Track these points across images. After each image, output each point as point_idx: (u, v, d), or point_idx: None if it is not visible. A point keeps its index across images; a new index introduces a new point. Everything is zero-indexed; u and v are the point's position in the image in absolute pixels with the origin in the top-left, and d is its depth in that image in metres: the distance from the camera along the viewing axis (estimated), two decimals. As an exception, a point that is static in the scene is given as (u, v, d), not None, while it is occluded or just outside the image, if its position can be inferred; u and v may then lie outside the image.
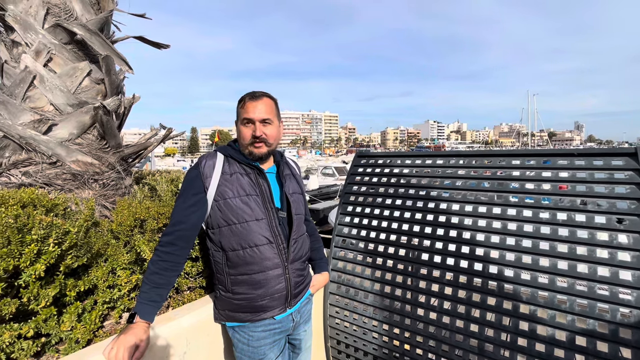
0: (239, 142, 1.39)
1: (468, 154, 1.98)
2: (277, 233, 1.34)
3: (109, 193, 2.02)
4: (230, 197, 1.30)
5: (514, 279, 1.55)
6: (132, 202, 1.79)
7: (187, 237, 1.29)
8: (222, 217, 1.31)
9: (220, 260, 1.35)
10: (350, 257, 2.12)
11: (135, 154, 2.30)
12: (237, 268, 1.32)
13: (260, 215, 1.32)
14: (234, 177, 1.33)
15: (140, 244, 1.37)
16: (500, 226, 1.67)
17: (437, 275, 1.76)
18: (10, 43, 1.83)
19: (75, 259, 1.21)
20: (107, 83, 2.01)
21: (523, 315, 1.49)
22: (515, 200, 1.68)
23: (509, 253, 1.60)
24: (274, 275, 1.33)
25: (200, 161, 1.34)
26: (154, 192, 2.46)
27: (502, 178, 1.77)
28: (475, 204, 1.78)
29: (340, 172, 20.17)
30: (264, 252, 1.31)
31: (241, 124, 1.34)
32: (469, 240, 1.72)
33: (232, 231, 1.30)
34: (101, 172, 1.98)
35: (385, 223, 2.04)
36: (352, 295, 2.04)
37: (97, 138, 2.00)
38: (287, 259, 1.36)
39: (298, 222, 1.45)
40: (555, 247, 1.51)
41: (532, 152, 1.78)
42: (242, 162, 1.36)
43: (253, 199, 1.32)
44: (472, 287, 1.65)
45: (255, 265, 1.31)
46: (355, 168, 2.39)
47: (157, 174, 2.65)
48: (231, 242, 1.31)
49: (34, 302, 1.11)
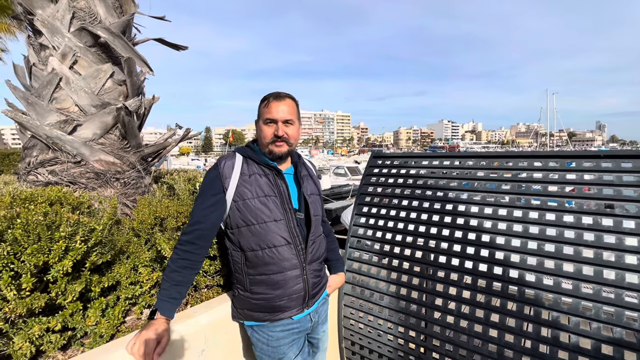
0: (259, 141, 1.40)
1: (487, 155, 1.94)
2: (296, 234, 1.35)
3: (130, 191, 2.07)
4: (249, 198, 1.31)
5: (536, 283, 1.51)
6: (152, 201, 1.83)
7: (206, 236, 1.31)
8: (240, 217, 1.32)
9: (239, 260, 1.37)
10: (366, 258, 2.11)
11: (155, 153, 2.35)
12: (255, 268, 1.33)
13: (279, 216, 1.32)
14: (253, 178, 1.34)
15: (161, 242, 1.40)
16: (521, 229, 1.62)
17: (455, 278, 1.73)
18: (38, 46, 1.90)
19: (100, 255, 1.25)
20: (129, 84, 2.06)
21: (545, 322, 1.45)
22: (537, 202, 1.63)
23: (531, 257, 1.56)
24: (292, 275, 1.34)
25: (219, 162, 1.36)
26: (172, 190, 2.51)
27: (523, 180, 1.73)
28: (495, 207, 1.74)
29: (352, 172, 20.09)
30: (282, 253, 1.32)
31: (263, 123, 1.35)
32: (488, 243, 1.69)
33: (250, 231, 1.31)
34: (122, 171, 2.03)
35: (402, 224, 2.02)
36: (367, 297, 2.03)
37: (118, 138, 2.06)
38: (305, 260, 1.37)
39: (316, 223, 1.46)
40: (580, 252, 1.46)
41: (554, 154, 1.73)
42: (260, 163, 1.38)
43: (271, 199, 1.33)
44: (491, 291, 1.61)
45: (273, 266, 1.32)
46: (371, 169, 2.38)
47: (175, 173, 2.71)
48: (250, 243, 1.32)
49: (61, 297, 1.15)
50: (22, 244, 1.06)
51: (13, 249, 1.04)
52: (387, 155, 2.40)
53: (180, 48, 2.56)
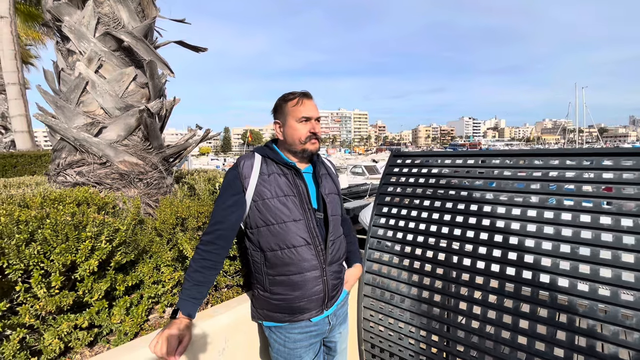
0: (290, 140, 1.39)
1: (513, 153, 1.85)
2: (315, 234, 1.33)
3: (152, 192, 2.12)
4: (268, 198, 1.30)
5: (570, 289, 1.42)
6: (174, 201, 1.86)
7: (227, 236, 1.31)
8: (260, 217, 1.32)
9: (258, 260, 1.36)
10: (386, 259, 2.06)
11: (176, 154, 2.39)
12: (275, 268, 1.33)
13: (298, 216, 1.31)
14: (272, 178, 1.34)
15: (183, 242, 1.41)
16: (552, 232, 1.54)
17: (481, 282, 1.66)
18: (66, 52, 1.98)
19: (124, 255, 1.27)
20: (151, 87, 2.10)
21: (580, 330, 1.36)
22: (570, 203, 1.54)
23: (564, 261, 1.47)
24: (311, 277, 1.33)
25: (239, 162, 1.36)
26: (192, 190, 2.55)
27: (553, 179, 1.63)
28: (524, 207, 1.65)
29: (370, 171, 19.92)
30: (302, 254, 1.31)
31: (297, 122, 1.36)
32: (516, 246, 1.61)
33: (270, 231, 1.31)
34: (145, 171, 2.08)
35: (423, 225, 1.96)
36: (388, 299, 1.99)
37: (141, 139, 2.11)
38: (325, 261, 1.35)
39: (335, 223, 1.43)
40: (619, 257, 1.36)
41: (586, 151, 1.62)
42: (279, 162, 1.37)
43: (291, 199, 1.32)
44: (520, 297, 1.53)
45: (293, 267, 1.31)
46: (391, 168, 2.33)
47: (195, 174, 2.75)
48: (269, 243, 1.32)
49: (88, 295, 1.18)
50: (51, 244, 1.09)
51: (43, 249, 1.08)
52: (407, 154, 2.34)
53: (200, 50, 2.60)
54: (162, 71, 2.14)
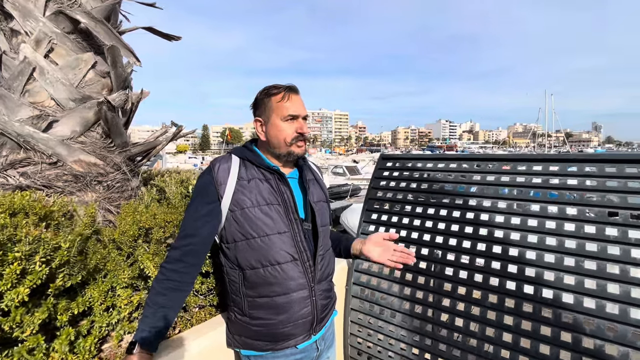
0: (274, 141, 1.21)
1: (512, 158, 1.74)
2: (303, 248, 1.16)
3: (114, 196, 1.86)
4: (248, 207, 1.12)
5: (575, 306, 1.32)
6: (138, 207, 1.63)
7: (198, 252, 1.12)
8: (238, 229, 1.13)
9: (236, 280, 1.17)
10: (375, 270, 1.91)
11: (143, 153, 2.14)
12: (256, 289, 1.14)
13: (283, 228, 1.13)
14: (252, 184, 1.15)
15: (144, 259, 1.19)
16: (555, 243, 1.44)
17: (479, 296, 1.55)
18: (9, 32, 1.69)
19: (67, 277, 1.04)
20: (113, 76, 1.85)
21: (587, 351, 1.26)
22: (574, 213, 1.45)
23: (568, 275, 1.37)
24: (298, 298, 1.15)
25: (213, 165, 1.16)
26: (162, 194, 2.30)
27: (558, 187, 1.54)
28: (524, 216, 1.55)
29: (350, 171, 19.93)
30: (287, 271, 1.13)
31: (282, 120, 1.18)
32: (516, 258, 1.50)
33: (250, 246, 1.12)
34: (105, 173, 1.83)
35: (416, 234, 1.83)
36: (377, 314, 1.84)
37: (101, 136, 1.85)
38: (314, 279, 1.18)
39: (324, 235, 1.26)
40: (627, 272, 1.27)
41: (591, 158, 1.54)
42: (260, 166, 1.18)
43: (274, 208, 1.14)
44: (521, 314, 1.42)
45: (277, 287, 1.13)
46: (380, 171, 2.18)
47: (167, 175, 2.50)
48: (249, 259, 1.13)
49: (18, 330, 0.94)
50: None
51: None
52: (397, 156, 2.20)
53: (172, 38, 2.35)
54: (128, 59, 1.88)
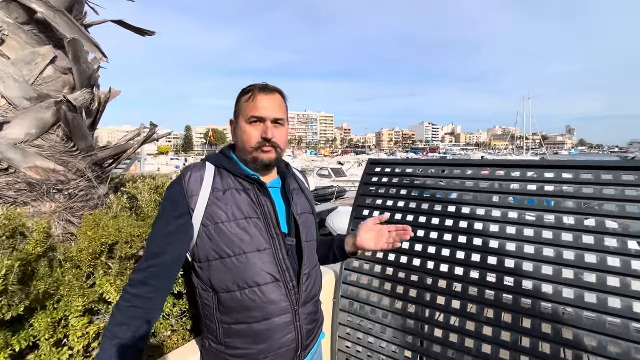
0: (240, 145, 1.08)
1: (501, 164, 1.68)
2: (285, 267, 1.03)
3: (78, 206, 1.68)
4: (223, 221, 0.98)
5: (576, 321, 1.26)
6: (102, 219, 1.46)
7: (166, 274, 0.98)
8: (212, 247, 0.99)
9: (210, 304, 1.03)
10: (365, 282, 1.81)
11: (113, 157, 1.96)
12: (232, 315, 1.01)
13: (263, 245, 1.00)
14: (229, 195, 1.01)
15: (104, 284, 1.03)
16: (553, 254, 1.37)
17: (474, 311, 1.46)
18: (-48, 21, 1.49)
19: (7, 309, 0.88)
20: (76, 73, 1.66)
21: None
22: (572, 222, 1.39)
23: (567, 289, 1.31)
24: (280, 324, 1.02)
25: (184, 174, 1.02)
26: (134, 201, 2.12)
27: (551, 195, 1.47)
28: (520, 226, 1.48)
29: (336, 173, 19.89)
30: (268, 294, 1.00)
31: (247, 122, 1.04)
32: (513, 269, 1.43)
33: (225, 266, 0.99)
34: (67, 180, 1.64)
35: (407, 244, 1.74)
36: (367, 330, 1.73)
37: (62, 139, 1.66)
38: (298, 301, 1.05)
39: (310, 251, 1.14)
40: (628, 285, 1.22)
41: (569, 164, 1.49)
42: (238, 175, 1.05)
43: (253, 222, 1.01)
44: (518, 329, 1.35)
45: (256, 312, 1.00)
46: (369, 177, 2.08)
47: (140, 180, 2.31)
48: (225, 281, 0.99)
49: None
50: None
51: None
52: (386, 162, 2.11)
53: (145, 33, 2.17)
54: (95, 55, 1.71)
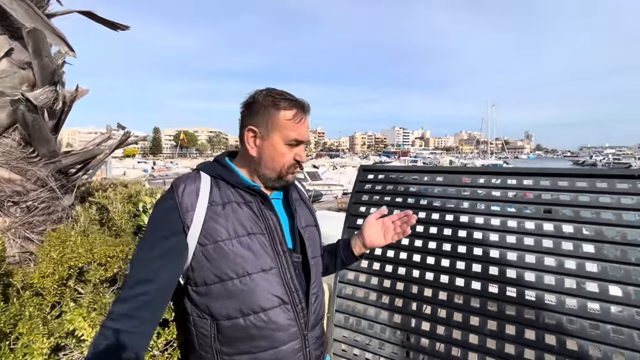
0: (268, 163, 0.95)
1: (497, 172, 1.67)
2: (294, 288, 0.91)
3: (38, 220, 1.47)
4: (223, 239, 0.85)
5: (579, 332, 1.25)
6: (69, 236, 1.27)
7: (156, 303, 0.82)
8: (211, 269, 0.85)
9: (207, 332, 0.89)
10: (360, 296, 1.73)
11: (80, 164, 1.75)
12: (233, 345, 0.87)
13: (269, 263, 0.88)
14: (228, 209, 0.88)
15: (74, 317, 0.87)
16: (555, 264, 1.36)
17: (477, 324, 1.42)
18: None
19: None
20: (37, 68, 1.46)
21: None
22: (570, 231, 1.39)
23: (570, 298, 1.30)
24: (289, 351, 0.90)
25: (176, 186, 0.87)
26: (104, 212, 1.91)
27: (557, 204, 1.46)
28: (520, 235, 1.47)
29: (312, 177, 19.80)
30: (275, 319, 0.88)
31: (284, 142, 0.93)
32: (515, 280, 1.40)
33: (226, 290, 0.85)
34: (25, 191, 1.43)
35: (405, 254, 1.68)
36: (364, 346, 1.65)
37: (19, 144, 1.44)
38: (307, 325, 0.93)
39: (317, 269, 1.03)
40: (630, 294, 1.23)
41: (579, 173, 1.51)
42: (237, 185, 0.92)
43: (257, 239, 0.88)
44: (523, 341, 1.32)
45: (262, 340, 0.87)
46: (362, 184, 2.02)
47: (110, 189, 2.09)
48: (226, 307, 0.86)
49: None
50: None
51: None
52: (379, 169, 2.06)
53: (118, 27, 1.98)
54: (59, 49, 1.51)
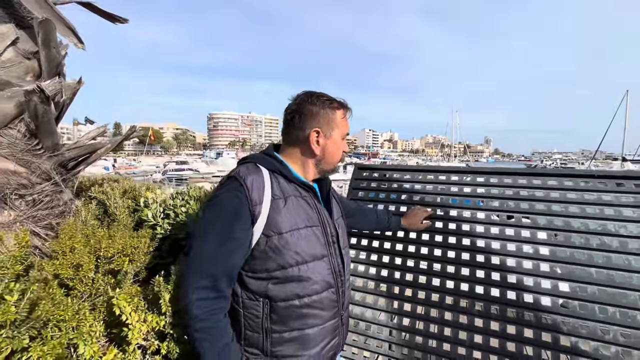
0: (326, 157, 1.08)
1: (489, 172, 1.80)
2: (339, 273, 1.06)
3: (42, 214, 1.43)
4: (287, 230, 0.94)
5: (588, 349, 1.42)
6: (85, 229, 1.27)
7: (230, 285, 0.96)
8: (275, 258, 0.94)
9: (258, 313, 0.97)
10: (370, 302, 1.76)
11: (79, 158, 1.71)
12: (285, 323, 0.97)
13: (322, 252, 1.01)
14: (290, 203, 0.98)
15: (120, 302, 0.90)
16: (551, 270, 1.46)
17: (480, 324, 1.48)
18: None
19: (8, 342, 0.71)
20: (44, 59, 1.42)
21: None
22: (561, 224, 1.53)
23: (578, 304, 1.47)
24: (330, 328, 1.05)
25: (243, 179, 0.93)
26: (102, 207, 1.88)
27: (548, 200, 1.57)
28: (517, 227, 1.56)
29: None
30: (324, 301, 1.02)
31: (342, 137, 1.10)
32: (515, 284, 1.46)
33: (286, 276, 0.96)
34: (30, 184, 1.39)
35: (412, 262, 1.70)
36: (374, 349, 1.70)
37: (24, 135, 1.41)
38: (343, 306, 1.08)
39: (348, 257, 1.16)
40: (591, 274, 1.44)
41: (552, 173, 1.72)
42: (293, 181, 1.02)
43: (313, 230, 1.00)
44: (536, 343, 1.34)
45: (312, 319, 1.00)
46: (357, 182, 2.13)
47: (106, 184, 2.05)
48: (284, 291, 0.96)
49: None
50: None
51: None
52: (374, 167, 2.18)
53: (117, 20, 1.94)
54: (68, 40, 1.48)
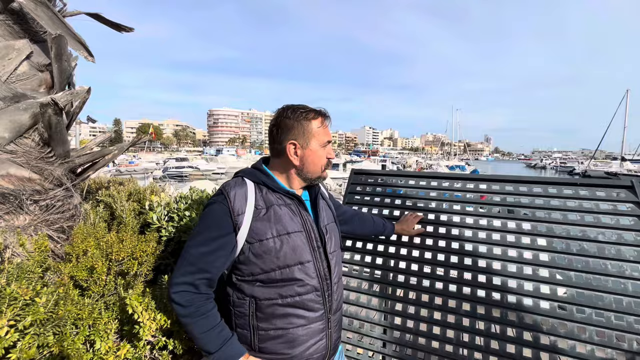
0: (307, 167, 1.14)
1: (483, 178, 1.88)
2: (324, 277, 1.12)
3: (54, 218, 1.52)
4: (268, 237, 1.03)
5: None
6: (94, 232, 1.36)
7: (211, 286, 1.05)
8: (258, 263, 1.04)
9: (245, 312, 1.07)
10: (364, 302, 1.83)
11: (89, 163, 1.80)
12: (270, 321, 1.06)
13: (307, 257, 1.08)
14: (271, 211, 1.06)
15: (133, 301, 0.99)
16: (549, 276, 1.49)
17: (467, 324, 1.54)
18: None
19: (35, 339, 0.81)
20: (56, 71, 1.51)
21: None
22: (564, 234, 1.58)
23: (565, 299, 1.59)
24: (316, 329, 1.11)
25: (227, 191, 1.03)
26: (109, 210, 1.97)
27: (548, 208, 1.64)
28: (517, 249, 1.59)
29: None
30: (308, 303, 1.08)
31: (321, 145, 1.15)
32: (515, 289, 1.55)
33: (270, 279, 1.05)
34: (44, 189, 1.48)
35: (404, 263, 1.77)
36: (368, 345, 1.79)
37: (37, 144, 1.49)
38: (330, 309, 1.14)
39: (337, 260, 1.23)
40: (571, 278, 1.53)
41: (536, 180, 1.80)
42: (277, 190, 1.10)
43: (297, 236, 1.07)
44: (531, 344, 1.42)
45: (294, 318, 1.07)
46: (353, 186, 2.21)
47: (112, 187, 2.14)
48: (268, 293, 1.05)
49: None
50: None
51: None
52: (369, 172, 2.27)
53: (123, 29, 2.03)
54: (78, 53, 1.57)
